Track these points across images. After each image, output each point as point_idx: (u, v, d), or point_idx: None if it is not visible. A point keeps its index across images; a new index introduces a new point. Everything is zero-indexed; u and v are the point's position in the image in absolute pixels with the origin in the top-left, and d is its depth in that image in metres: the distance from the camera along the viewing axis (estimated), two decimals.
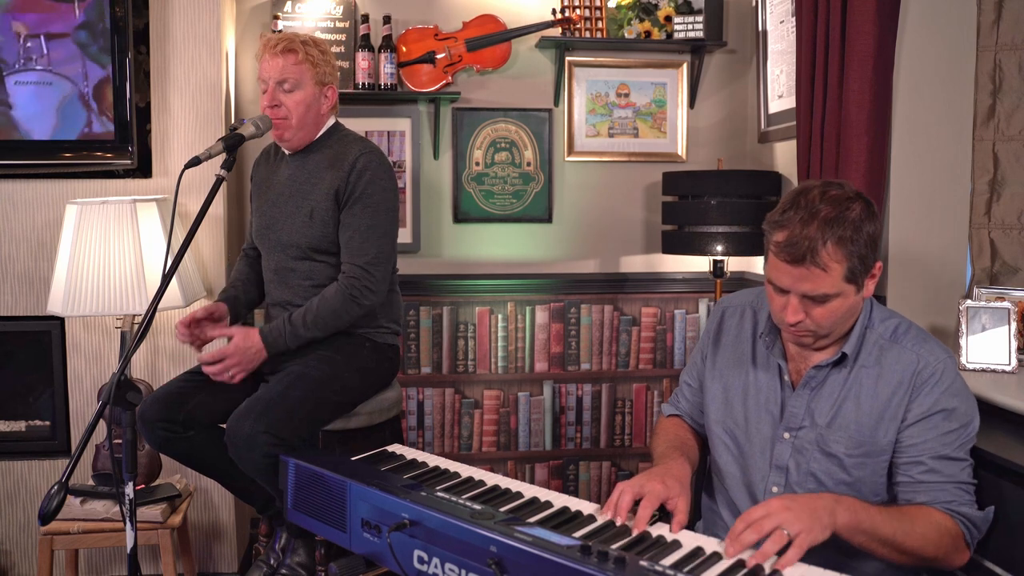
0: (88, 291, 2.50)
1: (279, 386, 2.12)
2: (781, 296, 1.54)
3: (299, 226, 2.27)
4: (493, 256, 3.39)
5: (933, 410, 1.53)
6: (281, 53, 2.23)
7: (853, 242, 1.47)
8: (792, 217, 1.49)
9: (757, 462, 1.66)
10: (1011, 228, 2.35)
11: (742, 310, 1.77)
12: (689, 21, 3.23)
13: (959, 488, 1.52)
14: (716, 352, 1.78)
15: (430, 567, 1.44)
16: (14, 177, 2.80)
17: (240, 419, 2.03)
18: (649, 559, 1.31)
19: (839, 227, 1.47)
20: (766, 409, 1.66)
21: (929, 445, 1.52)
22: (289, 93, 2.23)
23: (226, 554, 2.96)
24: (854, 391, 1.58)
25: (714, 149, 3.44)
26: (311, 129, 2.30)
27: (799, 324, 1.53)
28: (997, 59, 2.35)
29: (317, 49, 2.28)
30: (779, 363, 1.65)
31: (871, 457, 1.56)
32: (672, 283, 3.42)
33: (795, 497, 1.42)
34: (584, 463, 3.44)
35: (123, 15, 2.72)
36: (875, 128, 2.34)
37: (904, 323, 1.62)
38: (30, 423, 2.89)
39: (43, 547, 2.43)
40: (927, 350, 1.57)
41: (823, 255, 1.46)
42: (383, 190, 2.26)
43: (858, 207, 1.50)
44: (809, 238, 1.46)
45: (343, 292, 2.20)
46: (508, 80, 3.32)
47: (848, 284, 1.49)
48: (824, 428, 1.59)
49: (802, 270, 1.48)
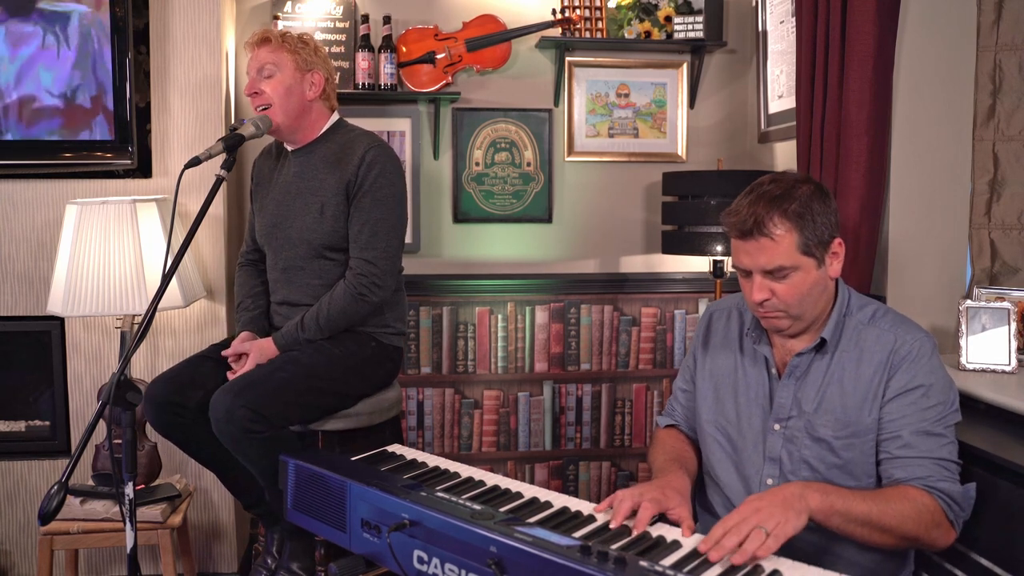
0: (88, 291, 2.50)
1: (268, 367, 2.14)
2: (747, 280, 1.61)
3: (310, 223, 2.27)
4: (493, 256, 3.39)
5: (911, 385, 1.55)
6: (258, 44, 2.28)
7: (800, 216, 1.54)
8: (742, 201, 1.59)
9: (751, 456, 1.67)
10: (1011, 228, 2.35)
11: (728, 312, 1.81)
12: (689, 21, 3.23)
13: (937, 464, 1.52)
14: (705, 354, 1.81)
15: (430, 567, 1.44)
16: (14, 177, 2.80)
17: (222, 392, 2.04)
18: (649, 559, 1.31)
19: (784, 202, 1.54)
20: (756, 403, 1.69)
21: (907, 420, 1.54)
22: (268, 79, 2.25)
23: (226, 554, 2.96)
24: (837, 375, 1.61)
25: (714, 149, 3.44)
26: (301, 117, 2.29)
27: (766, 303, 1.58)
28: (997, 59, 2.35)
29: (294, 38, 2.30)
30: (765, 356, 1.68)
31: (858, 437, 1.58)
32: (672, 283, 3.42)
33: (762, 495, 1.44)
34: (584, 463, 3.44)
35: (123, 15, 2.72)
36: (875, 128, 2.34)
37: (882, 308, 1.66)
38: (30, 423, 2.89)
39: (43, 547, 2.43)
40: (904, 330, 1.61)
41: (769, 225, 1.53)
42: (392, 184, 2.26)
43: (807, 187, 1.58)
44: (755, 213, 1.54)
45: (350, 290, 2.21)
46: (508, 80, 3.32)
47: (804, 256, 1.55)
48: (811, 414, 1.61)
49: (752, 243, 1.56)
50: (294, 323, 2.22)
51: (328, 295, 2.23)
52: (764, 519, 1.36)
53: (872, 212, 2.37)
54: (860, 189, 2.35)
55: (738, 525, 1.36)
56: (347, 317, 2.22)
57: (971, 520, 1.58)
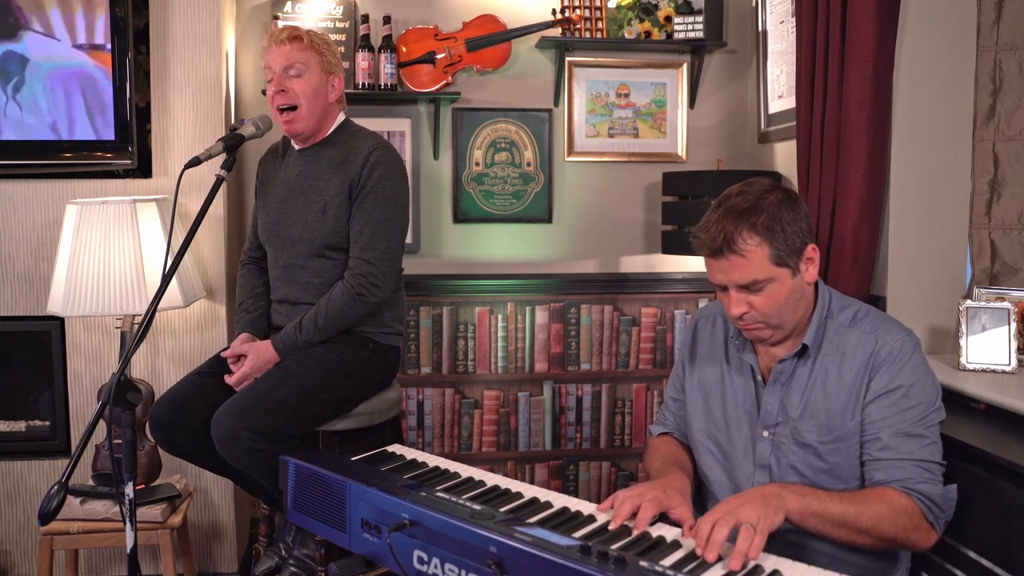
0: (88, 291, 2.50)
1: (267, 382, 2.13)
2: (724, 294, 1.60)
3: (312, 222, 2.26)
4: (493, 256, 3.39)
5: (890, 387, 1.55)
6: (287, 40, 2.23)
7: (768, 228, 1.52)
8: (711, 216, 1.57)
9: (742, 464, 1.68)
10: (1011, 228, 2.35)
11: (713, 319, 1.81)
12: (689, 21, 3.23)
13: (917, 466, 1.52)
14: (693, 363, 1.81)
15: (430, 567, 1.44)
16: (14, 177, 2.80)
17: (223, 415, 2.04)
18: (649, 559, 1.31)
19: (752, 215, 1.53)
20: (743, 410, 1.69)
21: (887, 422, 1.54)
22: (296, 78, 2.23)
23: (226, 554, 2.96)
24: (820, 379, 1.61)
25: (714, 149, 3.44)
26: (321, 120, 2.29)
27: (745, 316, 1.58)
28: (997, 59, 2.35)
29: (321, 38, 2.29)
30: (750, 364, 1.68)
31: (843, 441, 1.58)
32: (672, 283, 3.42)
33: (741, 494, 1.46)
34: (584, 463, 3.44)
35: (123, 15, 2.72)
36: (875, 128, 2.34)
37: (863, 308, 1.66)
38: (30, 423, 2.89)
39: (43, 547, 2.43)
40: (885, 330, 1.60)
41: (739, 242, 1.52)
42: (394, 185, 2.26)
43: (774, 196, 1.57)
44: (724, 230, 1.53)
45: (349, 291, 2.20)
46: (508, 80, 3.32)
47: (778, 268, 1.54)
48: (797, 420, 1.61)
49: (723, 261, 1.55)
50: (292, 326, 2.22)
51: (326, 296, 2.22)
52: (746, 514, 1.37)
53: (872, 212, 2.37)
54: (860, 189, 2.35)
55: (724, 518, 1.37)
56: (345, 318, 2.22)
57: (971, 520, 1.58)
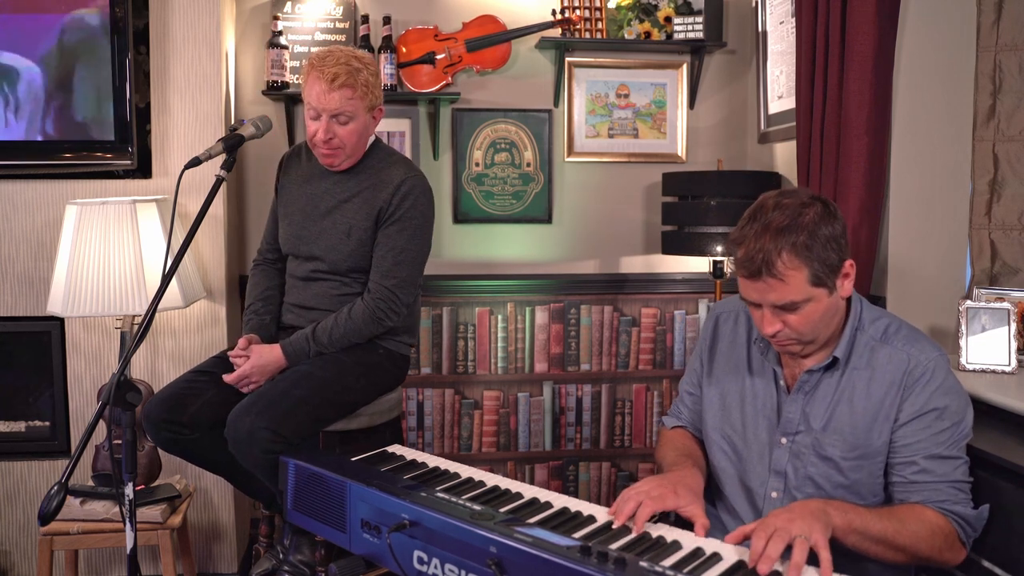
0: (88, 291, 2.50)
1: (284, 383, 2.12)
2: (757, 310, 1.55)
3: (335, 243, 2.27)
4: (493, 256, 3.39)
5: (925, 409, 1.53)
6: (339, 88, 2.15)
7: (809, 248, 1.47)
8: (748, 232, 1.50)
9: (756, 467, 1.66)
10: (1011, 229, 2.35)
11: (735, 315, 1.78)
12: (689, 22, 3.23)
13: (952, 487, 1.51)
14: (712, 359, 1.78)
15: (430, 567, 1.44)
16: (14, 177, 2.80)
17: (241, 415, 2.02)
18: (649, 559, 1.31)
19: (792, 234, 1.47)
20: (763, 415, 1.66)
21: (922, 445, 1.52)
22: (344, 125, 2.20)
23: (226, 554, 2.96)
24: (847, 394, 1.58)
25: (714, 150, 3.43)
26: (362, 149, 2.29)
27: (778, 334, 1.54)
28: (997, 59, 2.35)
29: (368, 73, 2.20)
30: (774, 368, 1.66)
31: (867, 459, 1.56)
32: (672, 284, 3.42)
33: (790, 507, 1.42)
34: (584, 464, 3.44)
35: (123, 15, 2.72)
36: (875, 128, 2.34)
37: (895, 323, 1.62)
38: (30, 423, 2.89)
39: (43, 548, 2.43)
40: (918, 349, 1.57)
41: (779, 266, 1.46)
42: (423, 215, 2.26)
43: (812, 211, 1.50)
44: (763, 250, 1.46)
45: (369, 312, 2.21)
46: (508, 81, 3.32)
47: (816, 288, 1.49)
48: (819, 432, 1.59)
49: (761, 283, 1.49)
50: (304, 335, 2.21)
51: (346, 310, 2.22)
52: (801, 528, 1.34)
53: (872, 212, 2.37)
54: (860, 189, 2.35)
55: (778, 532, 1.34)
56: (360, 336, 2.23)
57: None
